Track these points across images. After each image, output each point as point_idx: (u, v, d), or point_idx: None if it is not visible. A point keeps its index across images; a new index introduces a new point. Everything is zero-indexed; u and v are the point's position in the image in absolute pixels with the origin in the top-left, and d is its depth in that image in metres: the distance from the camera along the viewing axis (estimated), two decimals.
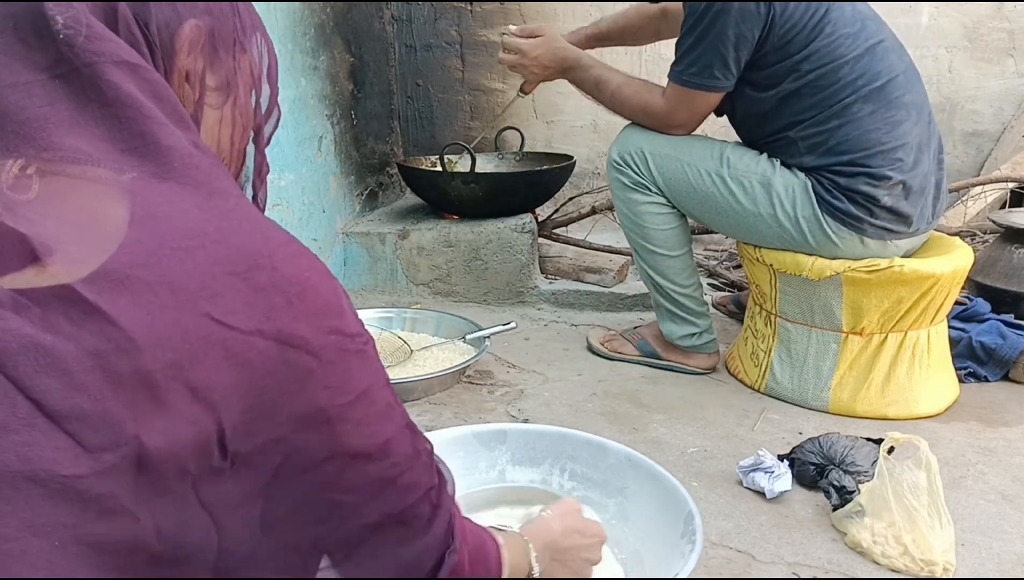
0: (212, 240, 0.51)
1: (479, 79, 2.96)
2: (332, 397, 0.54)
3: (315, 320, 0.53)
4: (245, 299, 0.50)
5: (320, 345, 0.53)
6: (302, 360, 0.52)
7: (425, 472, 0.63)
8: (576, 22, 2.84)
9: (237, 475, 0.50)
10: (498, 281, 2.30)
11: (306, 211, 2.14)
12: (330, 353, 0.53)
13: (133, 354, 0.46)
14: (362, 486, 0.57)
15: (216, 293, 0.49)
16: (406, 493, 0.61)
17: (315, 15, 2.20)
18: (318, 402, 0.53)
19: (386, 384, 0.60)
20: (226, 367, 0.49)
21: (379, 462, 0.58)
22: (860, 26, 1.51)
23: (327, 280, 0.56)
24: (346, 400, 0.55)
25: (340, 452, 0.55)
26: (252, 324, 0.50)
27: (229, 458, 0.49)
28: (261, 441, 0.51)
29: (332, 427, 0.54)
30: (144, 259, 0.48)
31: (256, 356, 0.50)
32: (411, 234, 2.32)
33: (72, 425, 0.44)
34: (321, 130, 2.24)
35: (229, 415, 0.49)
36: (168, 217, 0.50)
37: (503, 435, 1.23)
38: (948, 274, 1.52)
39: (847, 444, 1.32)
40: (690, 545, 0.95)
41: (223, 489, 0.50)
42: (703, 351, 1.79)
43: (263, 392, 0.50)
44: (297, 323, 0.52)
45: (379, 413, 0.58)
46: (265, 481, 0.52)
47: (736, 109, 1.65)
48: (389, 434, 0.59)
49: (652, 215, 1.69)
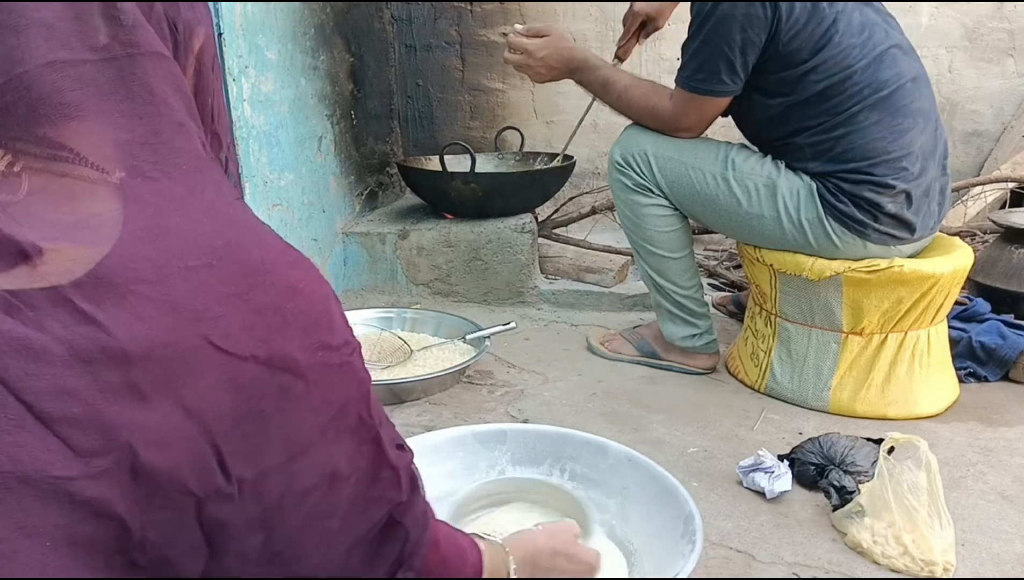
0: (219, 257, 0.51)
1: (479, 79, 2.96)
2: (315, 417, 0.54)
3: (305, 337, 0.54)
4: (244, 322, 0.51)
5: (308, 364, 0.54)
6: (291, 383, 0.52)
7: (390, 488, 0.63)
8: (576, 22, 2.84)
9: (245, 502, 0.51)
10: (498, 281, 2.30)
11: (306, 211, 2.14)
12: (315, 371, 0.54)
13: (125, 366, 0.46)
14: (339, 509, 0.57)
15: (218, 316, 0.50)
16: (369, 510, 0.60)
17: (315, 15, 2.20)
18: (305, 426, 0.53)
19: (363, 396, 0.60)
20: (219, 390, 0.49)
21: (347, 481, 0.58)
22: (868, 34, 1.50)
23: (319, 288, 0.57)
24: (325, 418, 0.55)
25: (323, 475, 0.55)
26: (248, 349, 0.50)
27: (235, 483, 0.50)
28: (264, 467, 0.51)
29: (317, 450, 0.54)
30: (150, 275, 0.48)
31: (249, 382, 0.50)
32: (411, 234, 2.32)
33: (63, 428, 0.44)
34: (321, 130, 2.24)
35: (225, 438, 0.49)
36: (179, 232, 0.50)
37: (503, 435, 1.23)
38: (948, 274, 1.52)
39: (847, 444, 1.32)
40: (690, 545, 0.95)
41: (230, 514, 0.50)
42: (703, 351, 1.79)
43: (258, 417, 0.51)
44: (289, 343, 0.53)
45: (348, 428, 0.58)
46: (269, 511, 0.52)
47: (742, 113, 1.65)
48: (352, 449, 0.59)
49: (654, 217, 1.69)
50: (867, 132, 1.49)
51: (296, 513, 0.54)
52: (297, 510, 0.54)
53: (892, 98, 1.49)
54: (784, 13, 1.46)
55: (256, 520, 0.52)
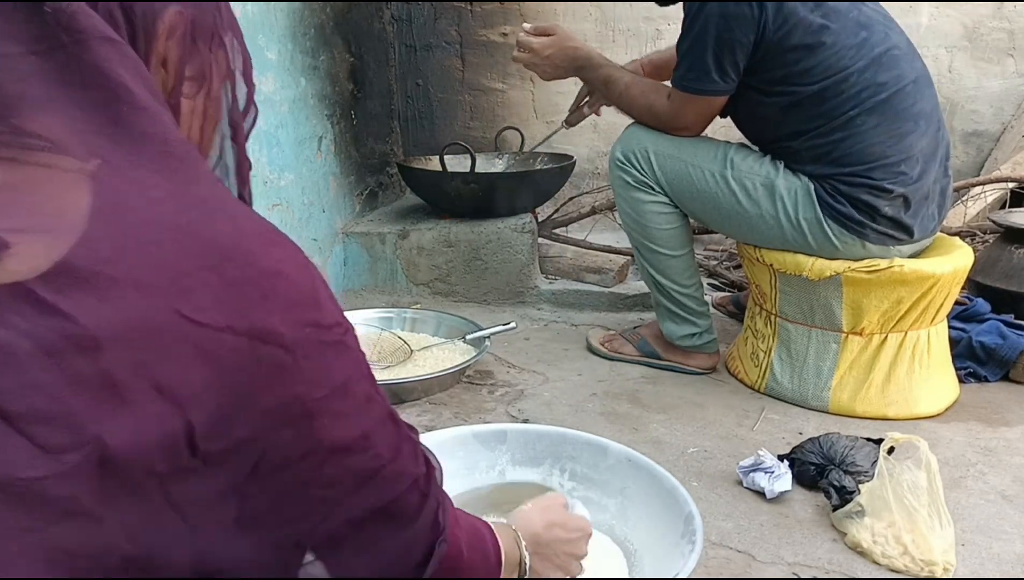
0: (184, 232, 0.49)
1: (479, 79, 2.96)
2: (308, 391, 0.52)
3: (290, 313, 0.52)
4: (216, 294, 0.48)
5: (295, 339, 0.51)
6: (275, 355, 0.50)
7: (411, 462, 0.62)
8: (576, 22, 2.84)
9: (210, 474, 0.49)
10: (498, 281, 2.30)
11: (306, 211, 2.14)
12: (306, 347, 0.52)
13: (95, 353, 0.44)
14: (343, 480, 0.56)
15: (186, 288, 0.48)
16: (392, 484, 0.60)
17: (315, 15, 2.20)
18: (293, 397, 0.52)
19: (366, 375, 0.59)
20: (196, 365, 0.47)
21: (360, 455, 0.57)
22: (865, 35, 1.49)
23: (303, 270, 0.54)
24: (323, 394, 0.53)
25: (318, 447, 0.54)
26: (223, 320, 0.48)
27: (200, 457, 0.48)
28: (234, 439, 0.49)
29: (309, 422, 0.53)
30: (110, 254, 0.46)
31: (227, 353, 0.48)
32: (411, 234, 2.32)
33: (29, 425, 0.43)
34: (321, 130, 2.24)
35: (199, 413, 0.48)
36: (136, 208, 0.49)
37: (503, 435, 1.23)
38: (948, 274, 1.52)
39: (847, 444, 1.32)
40: (690, 545, 0.95)
41: (194, 489, 0.49)
42: (703, 351, 1.79)
43: (235, 389, 0.49)
44: (270, 317, 0.50)
45: (357, 406, 0.57)
46: (241, 479, 0.51)
47: (740, 113, 1.65)
48: (368, 426, 0.58)
49: (655, 214, 1.69)
50: (865, 136, 1.48)
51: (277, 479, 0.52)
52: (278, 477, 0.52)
53: (891, 101, 1.48)
54: (771, 12, 1.45)
55: (228, 489, 0.50)
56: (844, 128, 1.49)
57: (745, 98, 1.58)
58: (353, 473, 0.57)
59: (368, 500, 0.58)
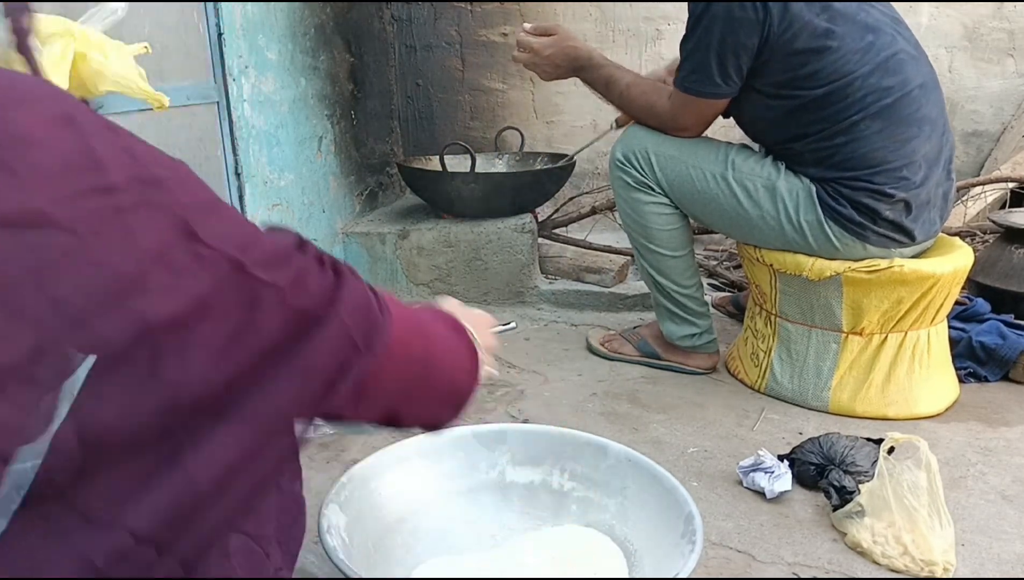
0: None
1: (479, 79, 2.96)
2: (105, 270, 0.44)
3: (54, 187, 0.43)
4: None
5: (69, 217, 0.43)
6: (50, 240, 0.42)
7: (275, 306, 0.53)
8: (576, 22, 2.84)
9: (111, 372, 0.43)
10: (498, 281, 2.30)
11: (306, 211, 2.14)
12: (88, 222, 0.43)
13: None
14: (198, 357, 0.48)
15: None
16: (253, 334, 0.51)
17: (315, 15, 2.20)
18: (90, 282, 0.43)
19: (186, 232, 0.48)
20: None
21: (203, 323, 0.49)
22: (872, 39, 1.47)
23: (62, 128, 0.45)
24: (128, 269, 0.45)
25: (148, 331, 0.46)
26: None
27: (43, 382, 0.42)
28: (58, 355, 0.43)
29: (125, 304, 0.45)
30: None
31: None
32: (411, 234, 2.32)
33: None
34: (321, 130, 2.24)
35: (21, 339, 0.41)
36: None
37: (503, 435, 1.23)
38: (948, 274, 1.52)
39: (847, 444, 1.32)
40: (690, 545, 0.95)
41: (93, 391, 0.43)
42: (703, 351, 1.79)
43: (10, 286, 0.42)
44: (30, 199, 0.42)
45: (177, 269, 0.47)
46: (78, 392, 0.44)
47: (743, 115, 1.64)
48: (202, 289, 0.48)
49: (655, 215, 1.69)
50: (868, 141, 1.47)
51: (119, 382, 0.45)
52: (118, 380, 0.45)
53: (896, 106, 1.47)
54: (776, 15, 1.44)
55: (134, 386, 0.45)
56: (847, 132, 1.48)
57: (748, 100, 1.57)
58: (198, 346, 0.48)
59: (235, 354, 0.50)
